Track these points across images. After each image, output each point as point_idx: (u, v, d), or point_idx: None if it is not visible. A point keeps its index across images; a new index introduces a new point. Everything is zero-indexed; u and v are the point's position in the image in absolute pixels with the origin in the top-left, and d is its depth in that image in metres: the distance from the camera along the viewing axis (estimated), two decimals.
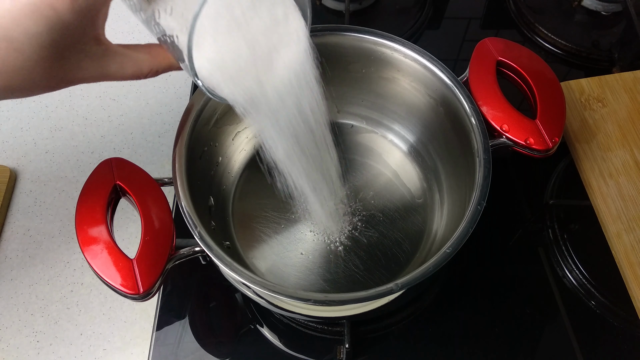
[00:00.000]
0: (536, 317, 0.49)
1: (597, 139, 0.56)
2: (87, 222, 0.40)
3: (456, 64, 0.67)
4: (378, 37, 0.48)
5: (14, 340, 0.49)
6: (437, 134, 0.53)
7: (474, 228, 0.39)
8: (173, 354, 0.47)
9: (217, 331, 0.49)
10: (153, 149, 0.61)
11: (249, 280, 0.37)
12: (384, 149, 0.57)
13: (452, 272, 0.52)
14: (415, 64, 0.48)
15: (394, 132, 0.57)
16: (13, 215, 0.56)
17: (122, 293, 0.38)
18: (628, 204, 0.52)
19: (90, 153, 0.60)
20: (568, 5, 0.70)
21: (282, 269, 0.48)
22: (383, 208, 0.52)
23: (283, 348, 0.49)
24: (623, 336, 0.49)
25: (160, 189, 0.43)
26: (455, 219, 0.48)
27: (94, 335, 0.49)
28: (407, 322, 0.50)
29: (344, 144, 0.57)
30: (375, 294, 0.36)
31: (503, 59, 0.49)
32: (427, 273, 0.37)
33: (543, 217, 0.55)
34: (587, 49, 0.66)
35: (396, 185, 0.53)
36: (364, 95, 0.56)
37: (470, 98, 0.45)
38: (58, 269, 0.53)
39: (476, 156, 0.43)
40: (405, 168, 0.55)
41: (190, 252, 0.41)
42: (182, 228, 0.40)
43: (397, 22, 0.70)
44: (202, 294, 0.51)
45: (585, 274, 0.51)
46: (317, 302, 0.36)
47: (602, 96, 0.58)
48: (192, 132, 0.44)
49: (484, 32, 0.70)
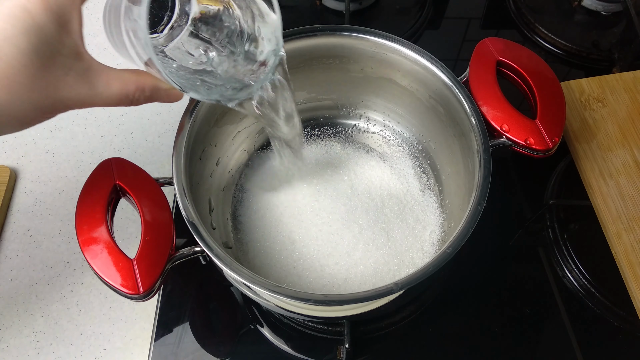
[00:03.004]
0: (536, 317, 0.49)
1: (597, 139, 0.56)
2: (87, 222, 0.40)
3: (456, 64, 0.67)
4: (378, 37, 0.48)
5: (14, 340, 0.49)
6: (437, 134, 0.53)
7: (474, 228, 0.39)
8: (173, 354, 0.47)
9: (217, 331, 0.49)
10: (153, 149, 0.61)
11: (249, 280, 0.37)
12: (384, 148, 0.57)
13: (452, 272, 0.52)
14: (415, 64, 0.48)
15: (394, 132, 0.57)
16: (13, 215, 0.56)
17: (122, 293, 0.38)
18: (628, 204, 0.52)
19: (90, 153, 0.60)
20: (568, 5, 0.70)
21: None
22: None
23: (283, 348, 0.49)
24: (623, 336, 0.49)
25: (160, 189, 0.43)
26: (455, 219, 0.48)
27: (94, 335, 0.49)
28: (407, 322, 0.50)
29: (344, 144, 0.57)
30: (375, 294, 0.36)
31: (503, 59, 0.49)
32: (427, 273, 0.37)
33: (543, 217, 0.55)
34: (587, 49, 0.66)
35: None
36: (364, 95, 0.56)
37: (470, 98, 0.45)
38: (58, 269, 0.53)
39: (476, 156, 0.43)
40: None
41: (190, 252, 0.41)
42: (182, 228, 0.40)
43: (397, 22, 0.70)
44: (202, 294, 0.51)
45: (585, 274, 0.51)
46: (317, 302, 0.36)
47: (602, 96, 0.58)
48: (192, 132, 0.44)
49: (484, 32, 0.70)
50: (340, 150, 0.56)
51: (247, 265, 0.49)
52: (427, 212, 0.51)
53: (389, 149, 0.57)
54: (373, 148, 0.57)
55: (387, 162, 0.55)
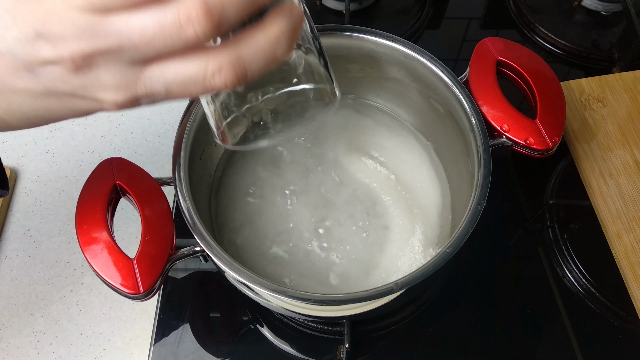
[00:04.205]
0: (536, 317, 0.49)
1: (597, 139, 0.56)
2: (87, 222, 0.40)
3: (456, 64, 0.67)
4: (378, 37, 0.48)
5: (14, 340, 0.49)
6: (437, 133, 0.53)
7: (474, 228, 0.39)
8: (173, 354, 0.47)
9: (217, 331, 0.49)
10: (153, 149, 0.61)
11: (249, 280, 0.37)
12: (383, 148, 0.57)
13: (452, 272, 0.52)
14: (415, 64, 0.48)
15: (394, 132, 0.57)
16: (13, 215, 0.56)
17: (122, 293, 0.38)
18: (628, 204, 0.52)
19: (90, 153, 0.60)
20: (568, 5, 0.70)
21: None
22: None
23: (283, 348, 0.49)
24: (623, 336, 0.49)
25: (160, 189, 0.43)
26: (455, 219, 0.48)
27: (94, 335, 0.49)
28: (407, 322, 0.50)
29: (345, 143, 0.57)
30: (375, 293, 0.36)
31: (503, 59, 0.49)
32: (427, 273, 0.37)
33: (543, 217, 0.55)
34: (587, 49, 0.66)
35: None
36: (363, 95, 0.56)
37: (470, 98, 0.45)
38: (58, 269, 0.53)
39: (476, 156, 0.43)
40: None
41: (190, 252, 0.41)
42: (182, 228, 0.40)
43: (397, 22, 0.70)
44: (202, 294, 0.51)
45: (585, 274, 0.51)
46: (317, 302, 0.36)
47: (602, 96, 0.58)
48: (192, 132, 0.44)
49: (484, 32, 0.70)
50: (338, 150, 0.56)
51: (246, 264, 0.49)
52: (426, 212, 0.51)
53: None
54: (371, 147, 0.57)
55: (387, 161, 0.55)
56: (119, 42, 0.22)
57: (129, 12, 0.21)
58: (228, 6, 0.21)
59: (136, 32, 0.21)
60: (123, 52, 0.22)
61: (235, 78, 0.23)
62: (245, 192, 0.52)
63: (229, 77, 0.23)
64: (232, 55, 0.23)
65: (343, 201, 0.51)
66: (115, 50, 0.22)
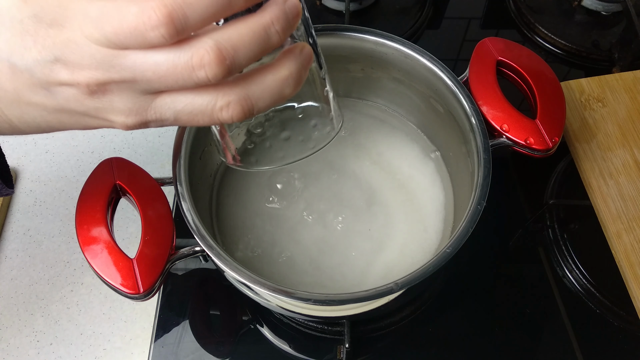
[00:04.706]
0: (536, 317, 0.49)
1: (597, 139, 0.56)
2: (87, 222, 0.40)
3: (456, 64, 0.67)
4: (378, 37, 0.48)
5: (14, 340, 0.49)
6: (437, 133, 0.53)
7: (473, 228, 0.39)
8: (173, 354, 0.47)
9: (217, 331, 0.49)
10: (153, 149, 0.61)
11: (249, 280, 0.37)
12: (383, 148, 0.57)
13: (452, 271, 0.52)
14: (416, 64, 0.48)
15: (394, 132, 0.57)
16: (13, 215, 0.56)
17: (122, 293, 0.38)
18: (628, 204, 0.52)
19: (90, 153, 0.60)
20: (568, 5, 0.70)
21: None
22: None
23: (283, 348, 0.49)
24: (623, 336, 0.49)
25: (160, 189, 0.43)
26: (455, 219, 0.48)
27: (94, 335, 0.49)
28: (407, 322, 0.50)
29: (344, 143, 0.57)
30: (375, 293, 0.36)
31: (503, 59, 0.49)
32: (426, 273, 0.37)
33: (543, 217, 0.55)
34: (587, 49, 0.66)
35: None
36: (363, 95, 0.56)
37: (470, 98, 0.45)
38: (58, 269, 0.53)
39: (476, 156, 0.43)
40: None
41: (190, 252, 0.41)
42: (182, 228, 0.40)
43: (397, 22, 0.70)
44: (202, 294, 0.51)
45: (585, 273, 0.51)
46: (317, 302, 0.36)
47: (602, 96, 0.58)
48: (192, 132, 0.44)
49: (484, 32, 0.70)
50: (339, 150, 0.56)
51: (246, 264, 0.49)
52: (426, 212, 0.51)
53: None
54: (372, 146, 0.57)
55: (387, 162, 0.55)
56: (132, 75, 0.23)
57: (144, 51, 0.22)
58: (240, 52, 0.22)
59: (150, 69, 0.22)
60: (136, 83, 0.23)
61: (242, 114, 0.24)
62: (245, 192, 0.52)
63: (235, 112, 0.24)
64: (241, 93, 0.24)
65: (343, 200, 0.51)
66: (129, 81, 0.23)
